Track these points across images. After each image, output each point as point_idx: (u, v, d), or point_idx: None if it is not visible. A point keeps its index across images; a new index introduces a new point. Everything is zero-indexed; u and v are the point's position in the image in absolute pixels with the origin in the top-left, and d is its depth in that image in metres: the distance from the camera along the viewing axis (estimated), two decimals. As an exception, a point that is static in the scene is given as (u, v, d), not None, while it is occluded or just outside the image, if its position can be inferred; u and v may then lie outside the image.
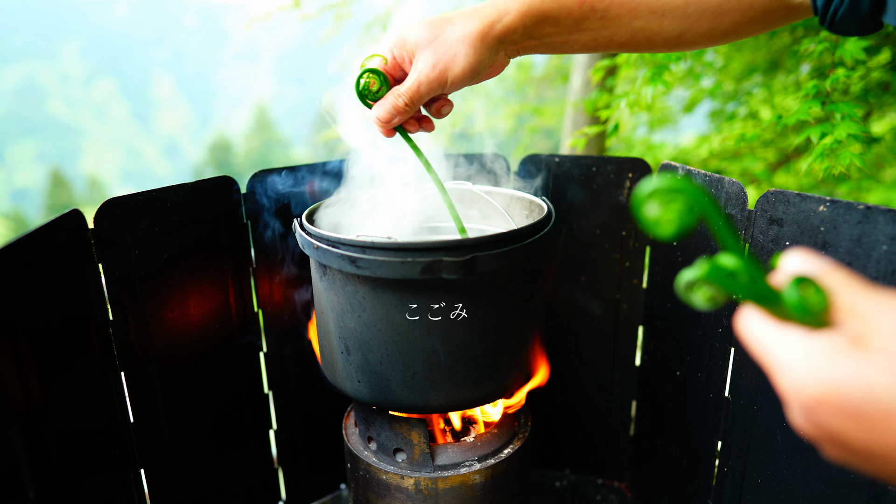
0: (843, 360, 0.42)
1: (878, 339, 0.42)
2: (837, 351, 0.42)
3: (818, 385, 0.42)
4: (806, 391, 0.43)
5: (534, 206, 1.32)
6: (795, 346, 0.44)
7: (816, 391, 0.42)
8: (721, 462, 1.29)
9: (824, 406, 0.42)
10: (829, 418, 0.43)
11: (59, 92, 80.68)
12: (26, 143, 69.16)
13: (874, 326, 0.43)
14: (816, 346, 0.43)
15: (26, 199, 56.13)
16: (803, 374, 0.43)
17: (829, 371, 0.42)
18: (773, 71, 2.84)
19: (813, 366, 0.43)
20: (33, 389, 0.95)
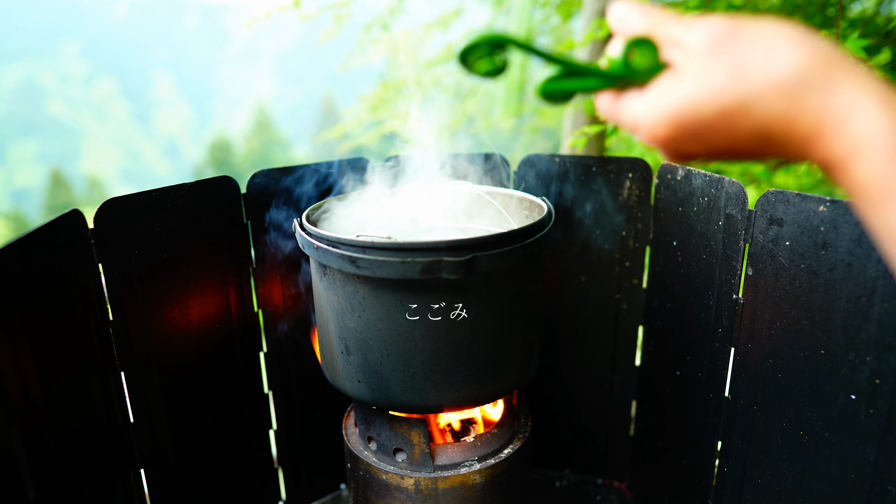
0: (669, 94, 0.49)
1: (689, 58, 0.49)
2: (665, 88, 0.50)
3: (663, 126, 0.50)
4: (658, 135, 0.51)
5: (534, 206, 1.32)
6: (638, 103, 0.52)
7: (664, 131, 0.50)
8: (721, 462, 1.29)
9: (674, 134, 0.50)
10: (678, 146, 0.51)
11: (59, 92, 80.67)
12: (26, 143, 69.17)
13: (685, 48, 0.49)
14: (648, 98, 0.51)
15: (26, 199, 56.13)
16: (650, 125, 0.51)
17: (663, 109, 0.49)
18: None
19: (651, 110, 0.50)
20: (33, 389, 0.95)
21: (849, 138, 0.45)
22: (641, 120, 0.52)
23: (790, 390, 1.10)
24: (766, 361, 1.14)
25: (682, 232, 1.38)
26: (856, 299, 0.98)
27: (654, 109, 0.50)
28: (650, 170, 1.47)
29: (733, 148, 0.50)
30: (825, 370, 1.03)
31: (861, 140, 0.44)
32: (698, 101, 0.48)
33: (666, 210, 1.44)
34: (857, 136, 0.44)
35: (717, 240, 1.25)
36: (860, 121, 0.44)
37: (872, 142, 0.44)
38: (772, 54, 0.46)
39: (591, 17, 2.95)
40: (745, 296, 1.18)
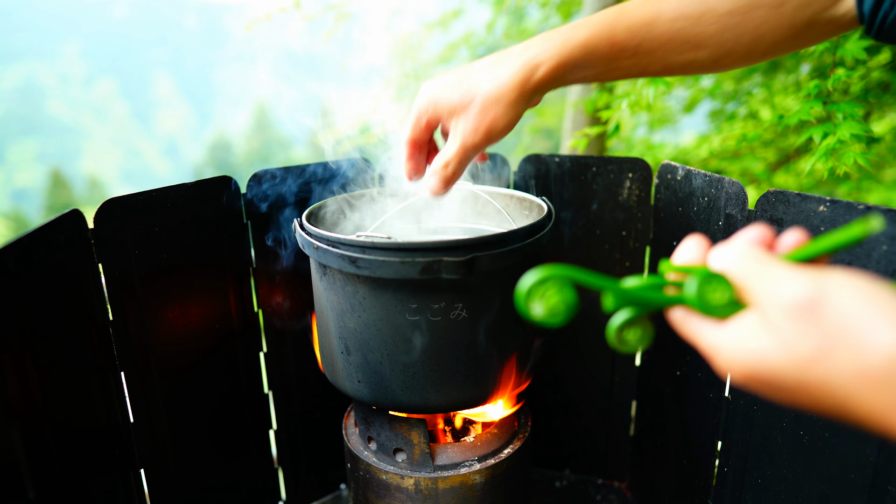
0: (749, 344, 0.48)
1: (772, 312, 0.47)
2: (746, 334, 0.48)
3: (739, 370, 0.49)
4: (734, 375, 0.50)
5: (534, 206, 1.32)
6: (715, 335, 0.51)
7: (740, 375, 0.49)
8: (721, 462, 1.29)
9: (750, 383, 0.49)
10: (757, 389, 0.49)
11: (59, 92, 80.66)
12: (26, 143, 69.17)
13: (765, 299, 0.48)
14: (727, 336, 0.50)
15: (26, 199, 56.12)
16: (726, 363, 0.50)
17: (740, 355, 0.48)
18: (773, 71, 2.84)
19: (729, 350, 0.49)
20: (33, 389, 0.95)
21: None
22: (719, 355, 0.51)
23: (790, 390, 1.10)
24: (767, 361, 1.14)
25: (682, 232, 1.38)
26: (856, 299, 0.98)
27: (732, 351, 0.49)
28: (650, 170, 1.47)
29: (825, 413, 0.47)
30: (825, 370, 1.03)
31: None
32: (779, 365, 0.45)
33: (666, 210, 1.44)
34: None
35: (718, 240, 1.25)
36: None
37: None
38: (861, 339, 0.42)
39: (591, 17, 2.94)
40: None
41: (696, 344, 0.54)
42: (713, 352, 0.51)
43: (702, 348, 0.53)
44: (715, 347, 0.51)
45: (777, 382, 0.46)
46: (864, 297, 0.43)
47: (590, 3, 3.00)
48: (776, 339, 0.46)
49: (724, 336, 0.50)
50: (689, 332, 0.54)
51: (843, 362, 0.42)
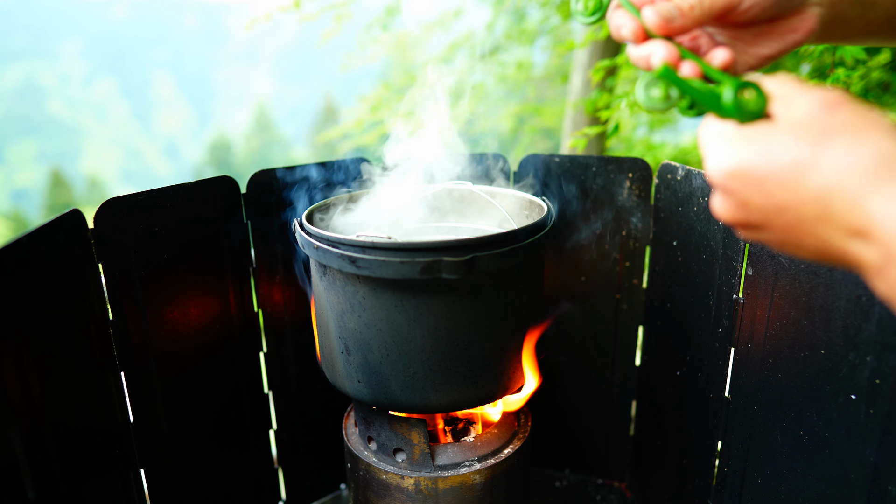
0: (755, 140, 0.50)
1: (789, 115, 0.50)
2: (755, 135, 0.51)
3: (731, 163, 0.51)
4: (721, 169, 0.52)
5: (534, 206, 1.32)
6: (722, 136, 0.53)
7: (729, 167, 0.51)
8: (721, 462, 1.29)
9: (734, 179, 0.51)
10: (736, 186, 0.51)
11: (59, 92, 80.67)
12: (26, 143, 69.17)
13: (789, 106, 0.50)
14: (739, 134, 0.52)
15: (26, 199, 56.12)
16: (721, 156, 0.52)
17: (742, 151, 0.50)
18: (773, 71, 2.84)
19: (730, 149, 0.51)
20: (33, 389, 0.95)
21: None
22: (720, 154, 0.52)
23: (790, 390, 1.10)
24: (766, 361, 1.14)
25: (682, 232, 1.38)
26: (856, 299, 0.98)
27: (740, 150, 0.51)
28: (650, 170, 1.47)
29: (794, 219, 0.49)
30: (825, 370, 1.03)
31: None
32: (783, 153, 0.48)
33: (666, 210, 1.44)
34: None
35: (717, 240, 1.25)
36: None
37: None
38: (852, 146, 0.46)
39: (591, 18, 2.94)
40: (745, 296, 1.18)
41: (701, 147, 0.55)
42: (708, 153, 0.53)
43: (703, 151, 0.55)
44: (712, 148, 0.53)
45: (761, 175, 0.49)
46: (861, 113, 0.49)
47: None
48: (784, 133, 0.49)
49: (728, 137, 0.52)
50: (702, 134, 0.55)
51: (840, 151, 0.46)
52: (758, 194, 0.50)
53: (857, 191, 0.46)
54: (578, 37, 3.30)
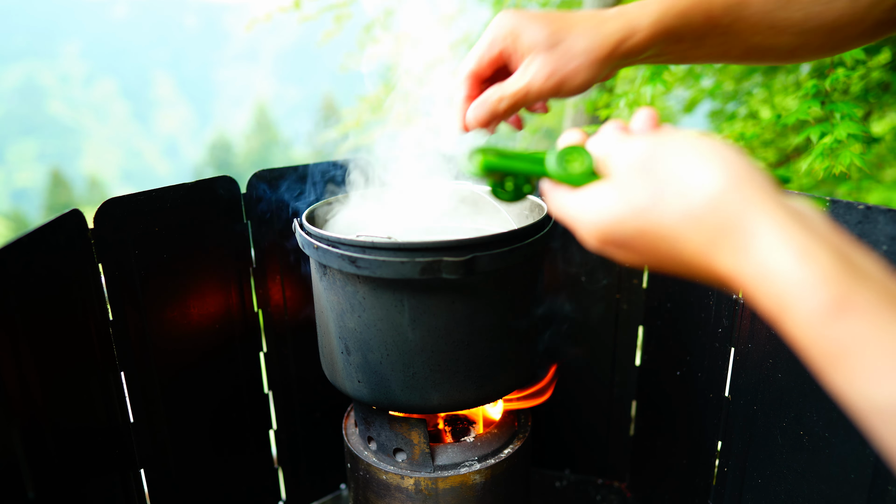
0: (597, 206, 0.52)
1: (618, 173, 0.52)
2: (594, 199, 0.53)
3: (592, 228, 0.53)
4: (590, 236, 0.54)
5: (534, 206, 1.32)
6: (571, 203, 0.56)
7: (594, 234, 0.53)
8: (721, 462, 1.30)
9: (603, 242, 0.53)
10: (610, 253, 0.54)
11: (59, 92, 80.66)
12: (26, 143, 69.17)
13: (614, 164, 0.53)
14: (582, 199, 0.54)
15: (26, 199, 56.11)
16: (582, 224, 0.54)
17: (589, 218, 0.53)
18: (773, 71, 2.84)
19: (581, 217, 0.54)
20: (33, 389, 0.95)
21: (772, 295, 0.42)
22: (574, 222, 0.55)
23: (790, 390, 1.10)
24: (766, 361, 1.14)
25: (682, 232, 1.38)
26: (856, 299, 0.98)
27: (583, 217, 0.54)
28: (650, 170, 1.47)
29: (665, 266, 0.51)
30: (825, 370, 1.03)
31: (783, 299, 0.41)
32: (621, 218, 0.50)
33: (666, 210, 1.44)
34: (780, 294, 0.42)
35: (717, 240, 1.25)
36: (780, 277, 0.41)
37: (796, 302, 0.41)
38: (688, 179, 0.47)
39: (591, 18, 2.94)
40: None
41: (559, 214, 0.58)
42: (570, 221, 0.56)
43: (563, 217, 0.57)
44: (570, 216, 0.56)
45: (622, 235, 0.51)
46: (692, 148, 0.48)
47: (590, 3, 3.00)
48: (619, 194, 0.51)
49: (580, 199, 0.54)
50: (554, 202, 0.58)
51: (671, 204, 0.47)
52: (628, 253, 0.53)
53: (701, 250, 0.47)
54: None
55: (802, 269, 0.40)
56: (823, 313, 0.39)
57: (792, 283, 0.41)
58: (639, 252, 0.52)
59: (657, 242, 0.49)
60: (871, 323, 0.38)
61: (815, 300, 0.40)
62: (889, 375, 0.37)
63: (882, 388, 0.38)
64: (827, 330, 0.40)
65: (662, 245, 0.49)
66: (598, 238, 0.53)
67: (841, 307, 0.39)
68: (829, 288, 0.40)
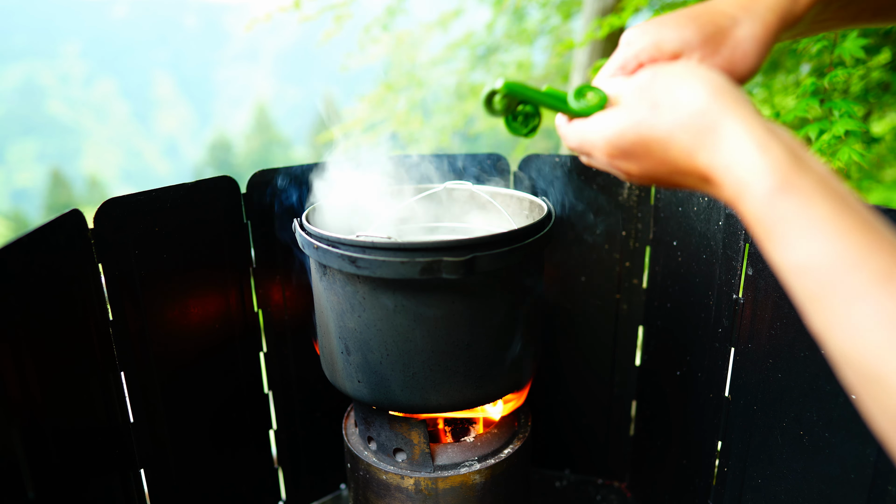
0: (606, 122, 0.60)
1: (624, 96, 0.60)
2: (604, 118, 0.60)
3: (601, 146, 0.60)
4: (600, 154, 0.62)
5: (534, 206, 1.32)
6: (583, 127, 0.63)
7: (603, 150, 0.61)
8: (721, 462, 1.29)
9: (611, 157, 0.61)
10: (617, 164, 0.61)
11: (59, 92, 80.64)
12: (26, 143, 69.15)
13: (622, 93, 0.61)
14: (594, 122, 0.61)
15: (26, 199, 56.10)
16: (589, 142, 0.62)
17: (600, 132, 0.60)
18: (773, 71, 2.84)
19: (592, 133, 0.61)
20: (33, 389, 0.95)
21: (734, 181, 0.50)
22: (586, 142, 0.62)
23: (790, 390, 1.10)
24: (766, 361, 1.14)
25: (682, 232, 1.38)
26: (856, 299, 0.98)
27: (594, 135, 0.61)
28: (650, 170, 1.47)
29: (659, 172, 0.59)
30: (825, 370, 1.03)
31: (743, 183, 0.50)
32: (624, 128, 0.58)
33: (666, 210, 1.44)
34: (740, 179, 0.50)
35: (718, 240, 1.25)
36: (742, 164, 0.50)
37: (752, 184, 0.49)
38: (679, 94, 0.55)
39: (591, 17, 2.95)
40: (745, 296, 1.18)
41: (574, 140, 0.64)
42: (584, 137, 0.62)
43: (578, 140, 0.64)
44: (586, 133, 0.62)
45: (625, 144, 0.58)
46: (682, 71, 0.57)
47: (590, 3, 3.00)
48: (624, 111, 0.59)
49: (592, 122, 0.61)
50: (570, 131, 0.65)
51: (664, 115, 0.55)
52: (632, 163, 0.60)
53: (687, 151, 0.54)
54: (578, 36, 3.31)
55: (759, 158, 0.49)
56: (770, 192, 0.48)
57: (749, 169, 0.49)
58: (639, 159, 0.58)
59: (653, 147, 0.56)
60: (804, 200, 0.47)
61: (766, 182, 0.48)
62: (807, 238, 0.46)
63: (798, 250, 0.46)
64: (770, 206, 0.48)
65: (657, 149, 0.56)
66: (606, 150, 0.60)
67: (784, 188, 0.47)
68: (778, 173, 0.48)
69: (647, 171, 0.60)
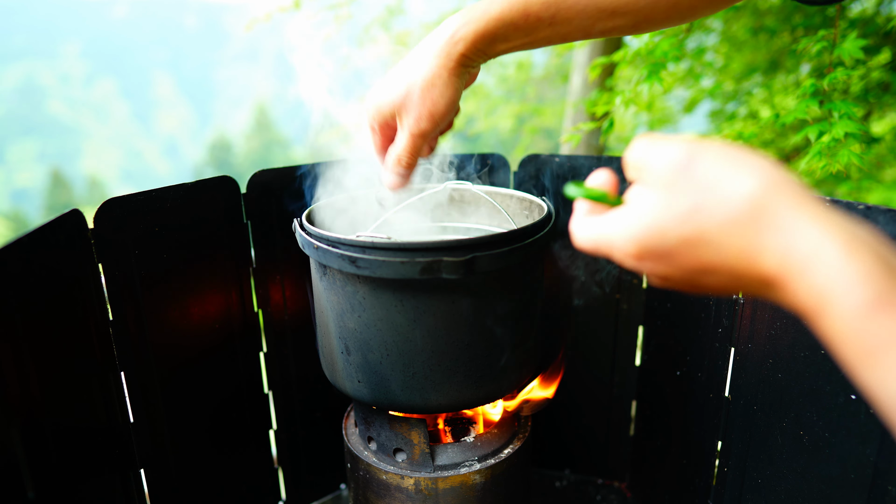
0: (637, 218, 0.51)
1: (655, 184, 0.51)
2: (633, 212, 0.52)
3: (633, 245, 0.52)
4: (631, 254, 0.53)
5: (534, 206, 1.32)
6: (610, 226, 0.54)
7: (634, 250, 0.52)
8: (721, 462, 1.30)
9: (644, 256, 0.52)
10: (650, 268, 0.53)
11: (59, 92, 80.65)
12: (26, 143, 69.17)
13: (651, 167, 0.52)
14: (619, 218, 0.53)
15: (26, 199, 56.11)
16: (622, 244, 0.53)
17: (631, 231, 0.52)
18: (773, 71, 2.84)
19: (622, 232, 0.53)
20: (33, 389, 0.95)
21: (814, 289, 0.43)
22: (611, 240, 0.54)
23: (790, 390, 1.10)
24: (766, 361, 1.14)
25: (681, 232, 1.38)
26: (856, 299, 0.98)
27: (622, 231, 0.52)
28: (650, 170, 1.47)
29: (705, 276, 0.50)
30: (825, 370, 1.03)
31: (824, 293, 0.42)
32: (663, 226, 0.49)
33: (666, 210, 1.44)
34: (821, 288, 0.43)
35: (717, 240, 1.25)
36: (824, 270, 0.42)
37: (838, 296, 0.42)
38: (726, 187, 0.47)
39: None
40: (745, 296, 1.18)
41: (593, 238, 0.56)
42: (609, 235, 0.54)
43: (598, 240, 0.56)
44: (610, 227, 0.54)
45: (664, 244, 0.50)
46: (728, 155, 0.49)
47: None
48: (659, 203, 0.50)
49: (618, 214, 0.53)
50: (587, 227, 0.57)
51: (714, 210, 0.47)
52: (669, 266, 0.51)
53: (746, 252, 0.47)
54: (578, 37, 3.29)
55: (846, 266, 0.41)
56: (863, 309, 0.40)
57: (835, 279, 0.42)
58: (678, 263, 0.50)
59: (700, 249, 0.48)
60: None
61: (857, 296, 0.41)
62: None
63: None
64: (865, 325, 0.40)
65: (706, 252, 0.48)
66: (637, 248, 0.51)
67: (881, 304, 0.40)
68: (871, 285, 0.41)
69: (686, 276, 0.51)
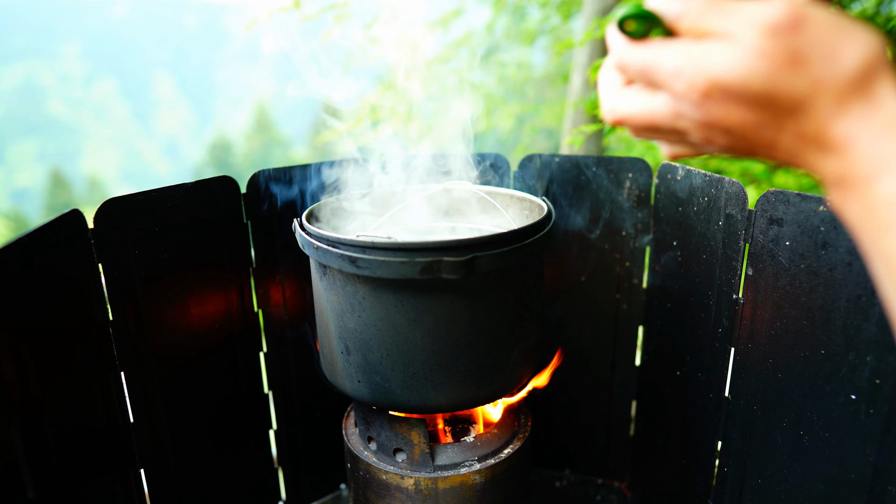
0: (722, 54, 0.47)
1: (744, 28, 0.47)
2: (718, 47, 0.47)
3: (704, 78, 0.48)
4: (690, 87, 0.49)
5: (534, 206, 1.32)
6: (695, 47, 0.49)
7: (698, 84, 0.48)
8: (721, 462, 1.29)
9: (708, 97, 0.48)
10: (714, 109, 0.49)
11: (59, 92, 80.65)
12: (26, 143, 69.17)
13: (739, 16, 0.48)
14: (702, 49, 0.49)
15: (26, 199, 56.11)
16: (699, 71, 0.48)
17: (711, 66, 0.47)
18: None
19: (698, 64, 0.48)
20: (33, 389, 0.95)
21: (882, 153, 0.44)
22: (688, 67, 0.49)
23: (790, 390, 1.10)
24: (766, 361, 1.14)
25: (682, 232, 1.38)
26: (856, 299, 0.98)
27: (705, 63, 0.48)
28: (650, 170, 1.47)
29: (761, 132, 0.48)
30: (825, 370, 1.03)
31: (892, 158, 0.43)
32: (750, 72, 0.46)
33: (666, 210, 1.44)
34: (891, 152, 0.44)
35: (717, 240, 1.25)
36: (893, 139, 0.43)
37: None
38: (836, 50, 0.45)
39: (591, 17, 2.95)
40: (745, 296, 1.18)
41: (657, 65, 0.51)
42: (679, 69, 0.49)
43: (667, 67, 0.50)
44: (681, 64, 0.49)
45: (745, 89, 0.47)
46: (837, 19, 0.47)
47: (590, 3, 3.00)
48: (750, 49, 0.46)
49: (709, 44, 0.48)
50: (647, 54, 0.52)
51: (815, 68, 0.45)
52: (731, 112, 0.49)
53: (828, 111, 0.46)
54: (578, 36, 3.30)
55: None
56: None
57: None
58: (742, 113, 0.48)
59: (781, 105, 0.47)
60: None
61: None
62: None
63: None
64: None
65: (784, 105, 0.47)
66: (710, 85, 0.48)
67: None
68: None
69: (746, 131, 0.49)
